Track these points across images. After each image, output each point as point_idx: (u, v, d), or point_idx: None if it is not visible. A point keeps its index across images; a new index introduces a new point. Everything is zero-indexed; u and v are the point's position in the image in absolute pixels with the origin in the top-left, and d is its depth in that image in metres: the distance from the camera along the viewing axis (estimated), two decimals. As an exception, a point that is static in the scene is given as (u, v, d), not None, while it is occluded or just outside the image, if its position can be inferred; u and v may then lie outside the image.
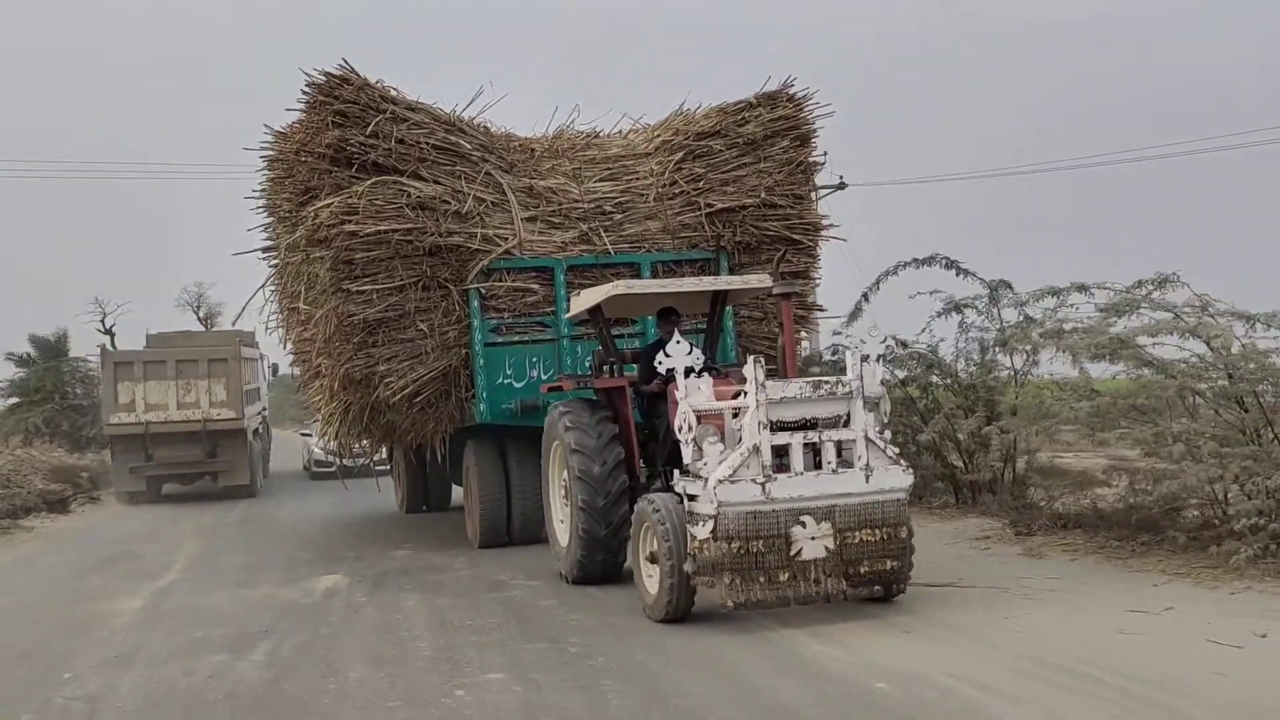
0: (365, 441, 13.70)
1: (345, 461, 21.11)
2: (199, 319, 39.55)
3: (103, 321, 32.46)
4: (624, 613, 7.41)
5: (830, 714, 5.12)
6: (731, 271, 10.56)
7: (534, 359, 10.63)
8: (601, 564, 8.33)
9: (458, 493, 13.98)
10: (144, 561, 11.44)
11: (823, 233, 11.14)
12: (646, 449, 8.44)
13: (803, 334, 11.36)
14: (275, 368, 24.84)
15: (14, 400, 30.46)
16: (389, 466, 16.48)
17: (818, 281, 11.29)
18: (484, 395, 10.35)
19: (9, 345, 31.70)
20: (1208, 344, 8.20)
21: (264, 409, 23.22)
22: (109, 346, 24.46)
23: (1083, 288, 9.29)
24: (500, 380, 10.44)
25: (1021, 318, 10.44)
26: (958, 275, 11.21)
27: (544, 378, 10.46)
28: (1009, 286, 10.85)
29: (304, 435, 25.55)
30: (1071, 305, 9.36)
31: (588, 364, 10.42)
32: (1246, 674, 5.38)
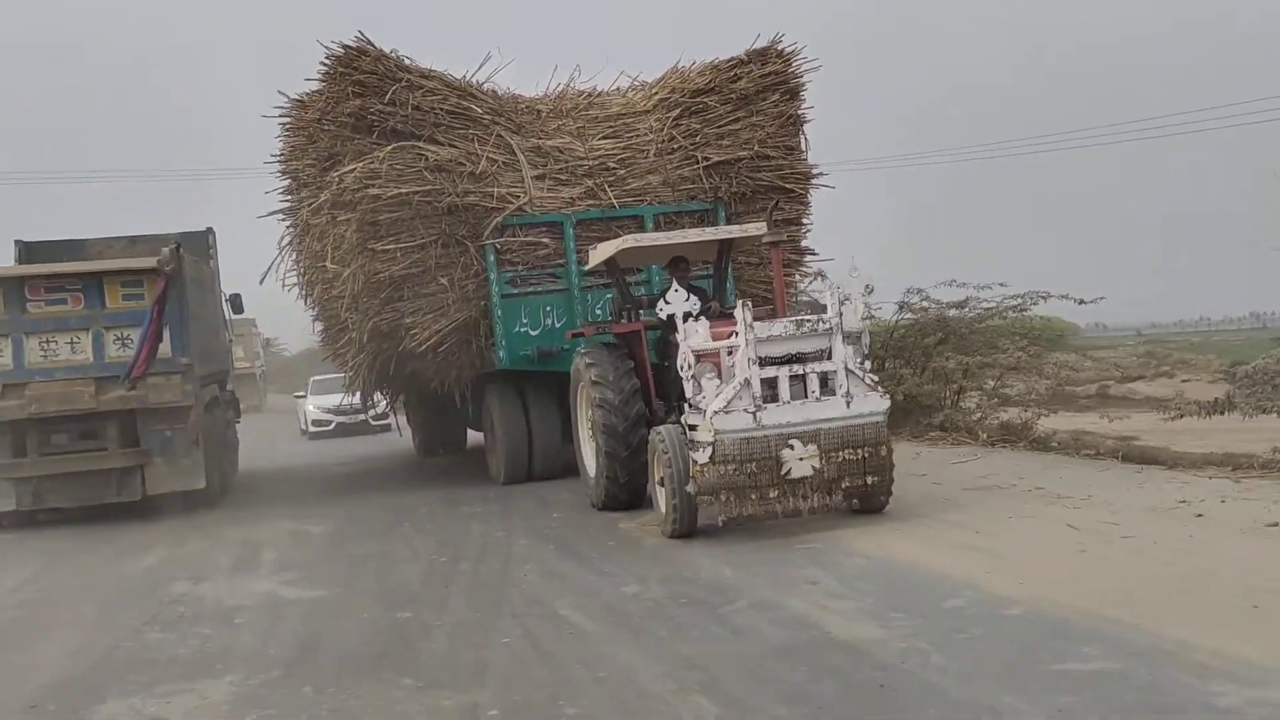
0: (380, 394, 15.27)
1: (343, 419, 23.30)
2: None
3: None
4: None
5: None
6: (729, 221, 11.71)
7: (548, 308, 11.79)
8: (625, 487, 9.34)
9: (472, 436, 15.44)
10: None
11: (813, 181, 12.30)
12: (663, 386, 9.45)
13: (797, 276, 12.55)
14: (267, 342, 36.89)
15: None
16: (387, 421, 18.39)
17: (809, 227, 12.49)
18: (503, 343, 11.52)
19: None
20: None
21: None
22: None
23: None
24: (517, 329, 11.59)
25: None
26: None
27: (558, 325, 11.64)
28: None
29: (298, 397, 27.00)
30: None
31: (597, 311, 11.67)
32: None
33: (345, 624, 6.27)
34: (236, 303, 16.01)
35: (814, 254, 12.63)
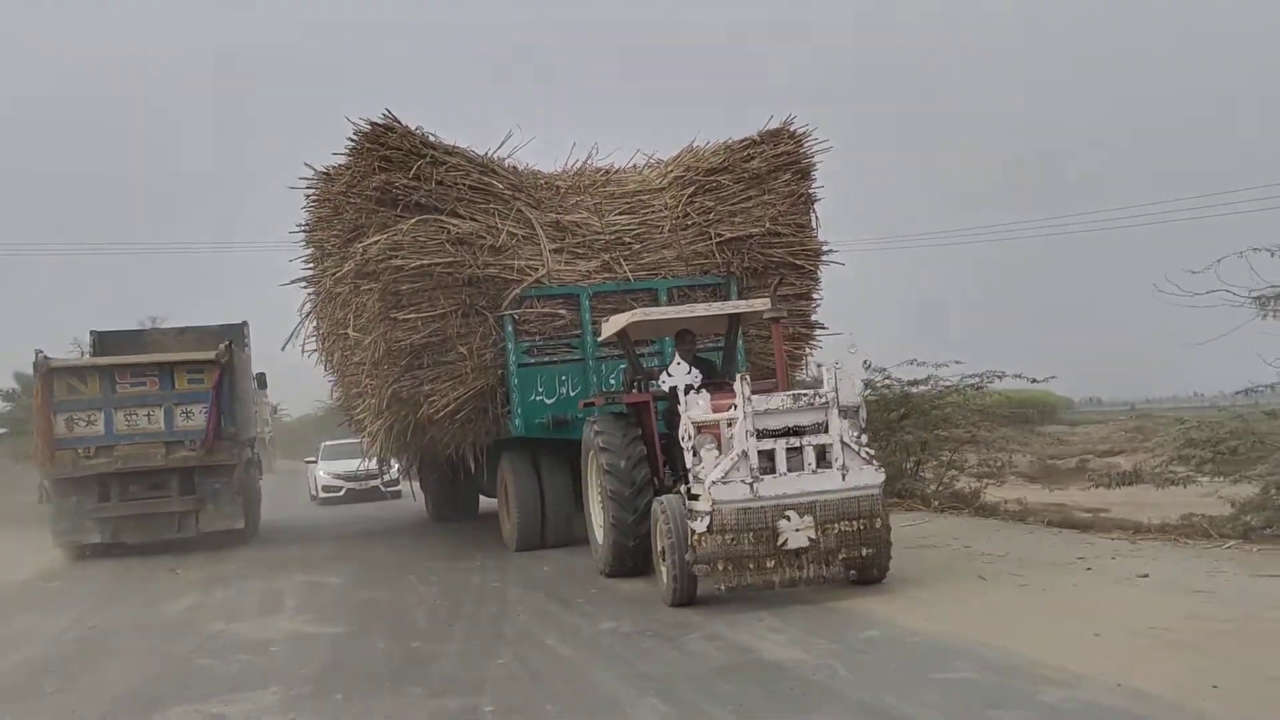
0: (395, 460, 17.41)
1: (353, 485, 25.93)
2: None
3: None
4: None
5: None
6: (740, 295, 13.63)
7: (563, 377, 13.69)
8: (632, 555, 10.83)
9: (485, 502, 17.48)
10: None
11: (822, 258, 14.27)
12: (671, 456, 10.51)
13: (805, 350, 14.44)
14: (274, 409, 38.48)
15: (3, 431, 35.90)
16: (398, 488, 21.20)
17: (819, 302, 14.42)
18: (519, 411, 13.40)
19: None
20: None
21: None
22: None
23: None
24: (533, 397, 13.47)
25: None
26: None
27: (573, 394, 13.50)
28: None
29: (308, 462, 29.23)
30: None
31: (611, 381, 13.59)
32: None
33: (364, 651, 8.32)
34: (262, 380, 21.62)
35: (824, 328, 14.53)
